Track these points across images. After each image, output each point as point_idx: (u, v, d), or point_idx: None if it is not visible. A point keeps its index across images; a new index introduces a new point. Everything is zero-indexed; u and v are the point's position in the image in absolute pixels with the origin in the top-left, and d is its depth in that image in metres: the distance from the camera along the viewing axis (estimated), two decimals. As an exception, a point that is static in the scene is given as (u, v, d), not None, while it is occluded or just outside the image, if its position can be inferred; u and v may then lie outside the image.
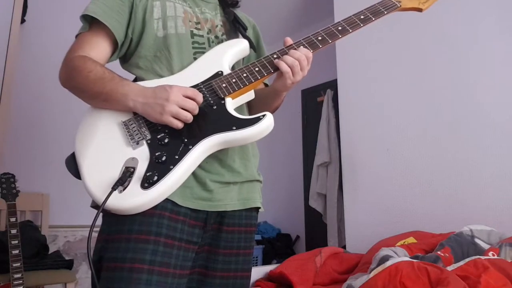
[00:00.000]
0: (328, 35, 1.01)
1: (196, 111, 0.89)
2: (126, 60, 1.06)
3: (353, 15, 1.04)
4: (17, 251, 1.91)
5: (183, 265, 0.90)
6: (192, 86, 0.95)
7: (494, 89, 1.90)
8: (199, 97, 0.90)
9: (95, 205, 0.91)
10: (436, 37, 2.16)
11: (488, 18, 1.97)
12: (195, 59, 1.01)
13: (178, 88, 0.89)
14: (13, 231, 1.94)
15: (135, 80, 1.04)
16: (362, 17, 1.04)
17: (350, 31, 1.02)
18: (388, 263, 1.28)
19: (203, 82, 0.96)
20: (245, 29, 1.14)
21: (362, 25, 1.03)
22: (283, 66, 0.95)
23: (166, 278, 0.86)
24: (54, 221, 2.56)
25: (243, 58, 1.12)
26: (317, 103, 3.84)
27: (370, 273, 1.31)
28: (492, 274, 1.18)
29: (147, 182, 0.83)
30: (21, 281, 1.87)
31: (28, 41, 2.67)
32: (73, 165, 0.90)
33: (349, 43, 2.53)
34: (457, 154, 1.97)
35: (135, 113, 0.92)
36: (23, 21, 2.45)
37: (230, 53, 1.03)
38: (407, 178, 2.14)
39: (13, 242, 1.91)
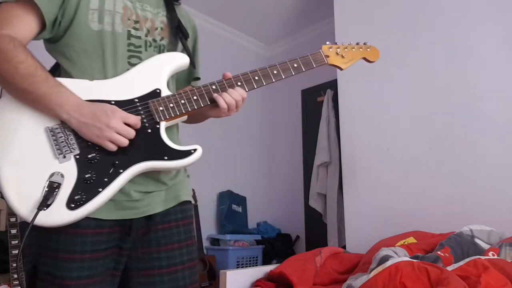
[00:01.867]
0: (264, 77, 1.07)
1: (132, 137, 0.90)
2: (51, 43, 0.99)
3: (288, 61, 1.11)
4: (17, 251, 1.90)
5: (110, 267, 0.94)
6: (127, 100, 0.94)
7: (494, 89, 1.90)
8: (138, 125, 0.91)
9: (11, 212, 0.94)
10: (436, 37, 2.16)
11: (487, 20, 1.97)
12: (129, 63, 0.99)
13: (120, 115, 0.88)
14: (13, 231, 1.93)
15: (57, 66, 0.99)
16: (295, 65, 1.11)
17: (283, 77, 1.09)
18: (388, 263, 1.28)
19: (139, 99, 0.95)
20: (187, 37, 1.12)
21: (293, 73, 1.11)
22: (222, 102, 1.00)
23: (93, 286, 0.90)
24: (54, 221, 2.56)
25: None
26: (317, 103, 3.84)
27: (370, 273, 1.31)
28: (492, 274, 1.18)
29: (74, 203, 0.83)
30: (21, 281, 1.87)
31: (28, 41, 2.67)
32: None
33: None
34: (457, 154, 1.97)
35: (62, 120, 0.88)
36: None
37: (169, 68, 1.02)
38: (407, 178, 2.14)
39: (13, 242, 1.91)
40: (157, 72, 0.99)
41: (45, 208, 0.81)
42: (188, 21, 1.18)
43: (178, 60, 1.04)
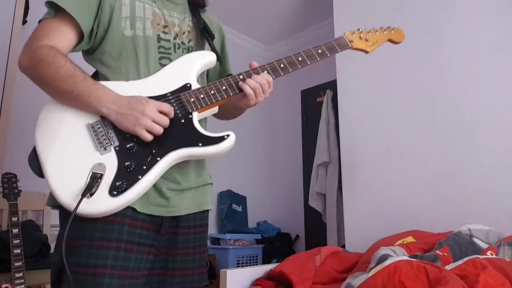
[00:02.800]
0: (289, 64, 1.09)
1: (167, 125, 0.93)
2: (89, 53, 1.06)
3: (312, 48, 1.13)
4: (18, 250, 1.92)
5: (140, 266, 0.95)
6: (160, 95, 0.99)
7: (493, 90, 1.91)
8: (172, 114, 0.95)
9: (52, 204, 0.94)
10: (436, 38, 2.17)
11: (484, 21, 1.98)
12: (160, 64, 1.04)
13: (154, 103, 0.93)
14: (15, 231, 1.95)
15: (96, 73, 1.05)
16: (319, 51, 1.13)
17: (308, 63, 1.11)
18: (387, 262, 1.28)
19: (172, 93, 1.00)
20: (213, 38, 1.18)
21: (318, 58, 1.12)
22: (247, 89, 1.03)
23: (125, 280, 0.90)
24: (55, 220, 2.54)
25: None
26: (317, 103, 3.85)
27: (369, 272, 1.32)
28: (490, 273, 1.18)
29: (116, 190, 0.86)
30: (22, 280, 1.88)
31: (29, 42, 2.68)
32: (36, 163, 0.90)
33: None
34: (456, 154, 1.98)
35: (102, 117, 0.94)
36: (24, 22, 2.45)
37: (197, 65, 1.07)
38: (406, 178, 2.15)
39: (14, 242, 1.92)
40: (186, 69, 1.05)
41: (89, 196, 0.84)
42: (214, 23, 1.25)
43: (205, 57, 1.10)
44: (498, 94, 1.89)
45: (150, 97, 0.96)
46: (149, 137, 0.91)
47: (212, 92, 1.02)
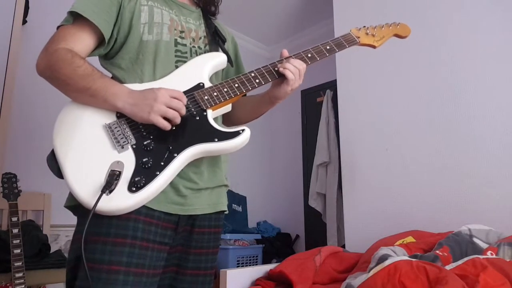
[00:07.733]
0: (301, 60, 1.11)
1: (183, 111, 0.94)
2: (107, 58, 1.09)
3: (320, 44, 1.15)
4: (18, 251, 1.92)
5: (156, 265, 0.95)
6: None
7: (493, 90, 1.91)
8: (185, 99, 0.96)
9: (68, 205, 0.95)
10: (437, 38, 2.17)
11: (485, 20, 1.98)
12: (176, 67, 1.06)
13: (165, 90, 0.94)
14: (15, 231, 1.95)
15: (112, 79, 1.05)
16: (328, 47, 1.15)
17: (318, 59, 1.13)
18: (387, 262, 1.29)
19: (185, 92, 1.01)
20: (224, 41, 1.21)
21: (328, 54, 1.15)
22: (289, 73, 1.05)
23: (141, 278, 0.90)
24: (55, 220, 2.57)
25: (222, 70, 1.19)
26: (317, 103, 3.86)
27: (369, 272, 1.32)
28: (490, 273, 1.18)
29: (135, 186, 0.87)
30: (22, 280, 1.88)
31: (30, 42, 2.68)
32: (54, 164, 0.91)
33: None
34: (456, 154, 1.98)
35: (118, 116, 0.95)
36: (24, 22, 2.46)
37: (209, 65, 1.09)
38: (406, 177, 2.16)
39: (14, 242, 1.92)
40: (199, 69, 1.07)
41: (108, 193, 0.85)
42: (226, 33, 1.28)
43: (216, 58, 1.12)
44: (498, 94, 1.89)
45: None
46: (166, 124, 0.92)
47: (225, 89, 1.04)
